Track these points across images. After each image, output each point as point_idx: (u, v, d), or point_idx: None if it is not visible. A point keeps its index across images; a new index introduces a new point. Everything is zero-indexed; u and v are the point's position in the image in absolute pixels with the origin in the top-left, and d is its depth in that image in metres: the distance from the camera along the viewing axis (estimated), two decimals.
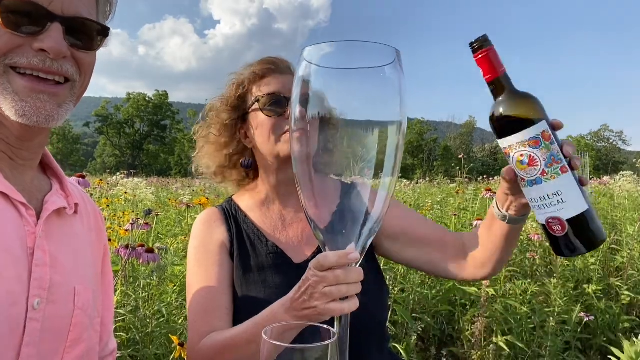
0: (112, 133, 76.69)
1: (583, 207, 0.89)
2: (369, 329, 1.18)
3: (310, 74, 0.72)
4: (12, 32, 0.77)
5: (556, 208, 0.89)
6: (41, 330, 0.79)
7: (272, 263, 1.23)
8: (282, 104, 1.23)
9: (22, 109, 0.78)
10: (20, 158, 0.87)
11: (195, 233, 1.32)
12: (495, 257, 1.17)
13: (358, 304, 0.80)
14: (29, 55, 0.78)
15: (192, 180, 15.37)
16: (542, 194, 0.90)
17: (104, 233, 1.11)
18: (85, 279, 0.92)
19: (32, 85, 0.78)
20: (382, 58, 0.70)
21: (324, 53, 0.71)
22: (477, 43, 0.91)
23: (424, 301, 2.97)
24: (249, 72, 1.31)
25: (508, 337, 2.64)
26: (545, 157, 0.88)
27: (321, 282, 0.80)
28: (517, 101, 0.91)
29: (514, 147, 0.90)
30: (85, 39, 0.85)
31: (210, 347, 1.08)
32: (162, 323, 2.07)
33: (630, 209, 5.18)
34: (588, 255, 3.74)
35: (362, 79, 0.71)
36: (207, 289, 1.20)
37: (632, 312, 3.57)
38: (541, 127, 0.88)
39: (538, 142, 0.88)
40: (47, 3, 0.78)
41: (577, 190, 0.89)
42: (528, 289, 2.78)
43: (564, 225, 0.89)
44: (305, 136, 0.73)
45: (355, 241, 0.76)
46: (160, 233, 4.24)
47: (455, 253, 1.25)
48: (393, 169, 0.74)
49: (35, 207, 0.85)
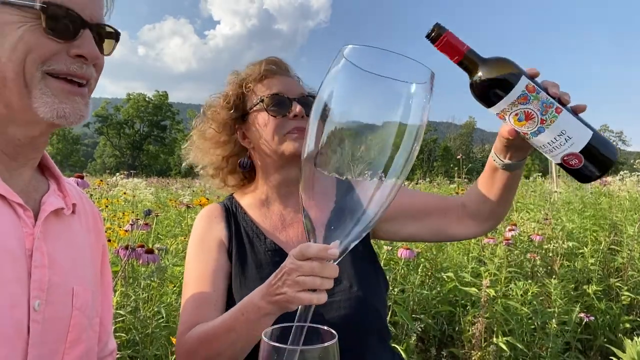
0: (112, 133, 76.73)
1: (588, 134, 0.92)
2: (368, 320, 1.19)
3: (344, 71, 0.74)
4: (51, 38, 0.80)
5: (566, 146, 0.92)
6: (42, 331, 0.79)
7: (270, 260, 1.23)
8: (285, 105, 1.25)
9: (63, 110, 0.82)
10: (23, 157, 0.87)
11: (196, 228, 1.33)
12: (501, 207, 1.21)
13: (326, 298, 0.82)
14: (66, 61, 0.82)
15: (192, 180, 15.37)
16: (548, 140, 0.93)
17: (103, 233, 1.11)
18: (84, 279, 0.92)
19: (69, 88, 0.83)
20: (416, 75, 0.72)
21: (362, 55, 0.72)
22: (434, 32, 0.94)
23: (424, 301, 2.96)
24: (252, 71, 1.32)
25: (508, 337, 2.64)
26: (538, 107, 0.91)
27: (296, 270, 0.82)
28: (492, 69, 0.93)
29: (506, 110, 0.93)
30: (105, 44, 0.90)
31: (195, 338, 1.09)
32: (162, 324, 2.06)
33: (630, 210, 5.18)
34: (588, 256, 3.74)
35: (391, 89, 0.73)
36: (200, 283, 1.21)
37: (632, 312, 3.57)
38: (523, 82, 0.91)
39: (526, 97, 0.91)
40: (81, 10, 0.83)
41: (577, 122, 0.92)
42: (528, 290, 2.78)
43: (579, 157, 0.92)
44: (319, 134, 0.75)
45: (341, 239, 0.77)
46: (160, 233, 4.23)
47: (457, 215, 1.27)
48: (397, 173, 0.75)
49: (32, 208, 0.85)
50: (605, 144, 0.94)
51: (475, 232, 1.28)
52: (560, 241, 3.65)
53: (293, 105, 1.25)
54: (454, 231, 1.28)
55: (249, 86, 1.31)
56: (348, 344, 1.12)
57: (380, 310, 1.24)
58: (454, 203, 1.29)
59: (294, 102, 1.25)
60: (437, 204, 1.31)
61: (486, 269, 3.03)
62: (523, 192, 7.27)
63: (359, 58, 0.72)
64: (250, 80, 1.31)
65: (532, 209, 5.15)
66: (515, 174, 1.14)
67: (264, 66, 1.31)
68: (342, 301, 1.17)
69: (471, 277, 3.05)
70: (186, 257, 1.31)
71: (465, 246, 3.85)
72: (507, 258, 3.12)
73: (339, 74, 0.75)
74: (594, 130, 0.93)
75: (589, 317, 2.78)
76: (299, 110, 1.24)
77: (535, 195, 6.78)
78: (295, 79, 1.36)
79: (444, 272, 3.32)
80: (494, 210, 1.22)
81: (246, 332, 0.97)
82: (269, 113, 1.25)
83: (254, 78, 1.31)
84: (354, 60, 0.72)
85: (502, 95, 0.92)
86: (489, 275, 2.94)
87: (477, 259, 3.47)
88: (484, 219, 1.25)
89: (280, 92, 1.26)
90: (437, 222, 1.29)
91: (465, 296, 3.04)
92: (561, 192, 6.45)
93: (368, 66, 0.71)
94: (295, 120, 1.25)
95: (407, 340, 2.54)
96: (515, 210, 5.21)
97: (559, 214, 4.74)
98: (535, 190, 7.12)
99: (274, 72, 1.31)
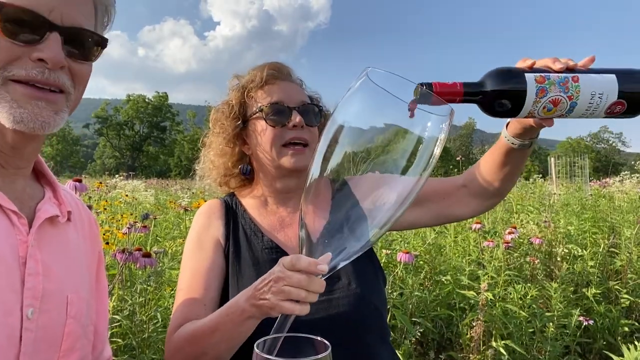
0: (112, 134, 76.66)
1: (614, 80, 0.91)
2: (367, 318, 1.19)
3: (365, 91, 0.75)
4: (11, 41, 0.76)
5: (604, 101, 0.91)
6: (35, 340, 0.79)
7: (267, 258, 1.23)
8: (285, 114, 1.24)
9: (20, 115, 0.78)
10: (12, 166, 0.86)
11: (195, 224, 1.34)
12: (509, 183, 1.22)
13: (308, 310, 0.83)
14: (27, 66, 0.77)
15: (192, 182, 15.33)
16: (585, 107, 0.92)
17: (99, 240, 1.10)
18: (79, 287, 0.91)
19: (31, 92, 0.78)
20: (435, 108, 0.74)
21: (385, 78, 0.73)
22: (421, 93, 0.81)
23: (423, 305, 2.96)
24: (254, 77, 1.30)
25: (507, 341, 2.63)
26: (558, 89, 0.90)
27: (284, 279, 0.82)
28: (495, 86, 0.91)
29: (532, 110, 0.92)
30: (83, 50, 0.84)
31: (182, 336, 1.10)
32: (159, 328, 2.06)
33: (628, 212, 5.17)
34: (587, 258, 3.74)
35: (407, 117, 0.74)
36: (193, 281, 1.22)
37: (631, 315, 3.56)
38: (530, 79, 0.90)
39: (543, 90, 0.90)
40: (47, 12, 0.78)
41: (598, 77, 0.91)
42: (527, 293, 2.77)
43: (620, 102, 0.92)
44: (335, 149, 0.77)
45: (333, 254, 0.78)
46: (158, 236, 4.23)
47: (457, 196, 1.28)
48: (400, 201, 0.77)
49: (27, 215, 0.84)
50: (634, 77, 0.92)
51: (479, 210, 1.29)
52: (561, 244, 3.64)
53: (293, 114, 1.24)
54: (456, 212, 1.29)
55: (250, 94, 1.30)
56: (347, 342, 1.12)
57: (380, 308, 1.24)
58: (452, 184, 1.29)
59: (294, 111, 1.24)
60: (436, 188, 1.31)
61: (485, 272, 3.02)
62: (523, 193, 7.27)
63: (381, 82, 0.73)
64: (251, 87, 1.30)
65: (531, 211, 5.15)
66: (529, 151, 1.14)
67: (266, 72, 1.29)
68: (341, 298, 1.16)
69: (469, 281, 3.05)
70: (183, 253, 1.31)
71: (464, 249, 3.84)
72: (506, 261, 3.12)
73: (358, 94, 0.76)
74: (616, 72, 0.92)
75: (588, 321, 2.78)
76: (298, 120, 1.23)
77: (534, 197, 6.78)
78: (298, 82, 1.35)
79: (443, 275, 3.32)
80: (502, 187, 1.22)
81: (229, 333, 0.98)
82: (268, 122, 1.24)
83: (255, 84, 1.29)
84: (377, 82, 0.73)
85: (521, 102, 0.91)
86: (487, 278, 2.93)
87: (475, 262, 3.47)
88: (489, 197, 1.25)
89: (279, 101, 1.25)
90: (437, 205, 1.30)
91: (464, 299, 3.03)
92: (560, 194, 6.45)
93: (389, 87, 0.73)
94: (294, 130, 1.23)
95: (406, 343, 2.54)
96: (515, 212, 5.20)
97: (557, 216, 4.73)
98: (534, 192, 7.11)
99: (275, 77, 1.29)
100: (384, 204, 0.77)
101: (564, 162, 12.12)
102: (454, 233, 4.15)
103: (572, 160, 12.16)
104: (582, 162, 11.96)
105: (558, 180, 11.23)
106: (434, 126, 0.75)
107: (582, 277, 3.64)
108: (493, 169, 1.20)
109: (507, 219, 5.11)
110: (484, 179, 1.22)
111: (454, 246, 3.99)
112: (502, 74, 0.92)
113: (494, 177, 1.20)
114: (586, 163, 12.10)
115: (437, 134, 0.75)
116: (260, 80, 1.29)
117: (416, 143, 0.75)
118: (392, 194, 0.77)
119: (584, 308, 3.29)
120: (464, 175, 1.29)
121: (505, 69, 0.93)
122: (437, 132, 0.75)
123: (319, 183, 0.78)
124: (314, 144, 1.26)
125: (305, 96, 1.31)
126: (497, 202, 1.30)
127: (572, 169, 12.10)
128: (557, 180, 11.41)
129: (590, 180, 12.37)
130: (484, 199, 1.26)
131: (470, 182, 1.25)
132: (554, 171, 11.98)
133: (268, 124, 1.24)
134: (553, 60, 0.93)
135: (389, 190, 0.77)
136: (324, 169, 0.77)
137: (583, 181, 10.73)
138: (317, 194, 0.79)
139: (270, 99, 1.26)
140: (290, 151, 1.23)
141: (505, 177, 1.19)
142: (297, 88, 1.32)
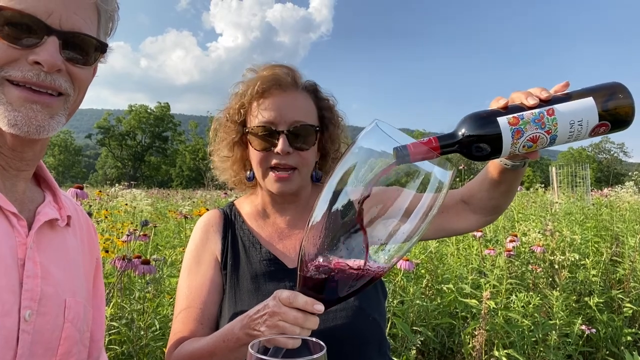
0: (114, 145, 76.97)
1: (591, 105, 0.90)
2: (366, 330, 1.18)
3: (375, 138, 0.79)
4: (8, 44, 0.77)
5: (585, 127, 0.90)
6: (31, 342, 0.78)
7: (266, 270, 1.24)
8: (272, 137, 1.21)
9: (15, 118, 0.78)
10: (13, 168, 0.86)
11: (193, 238, 1.34)
12: (507, 199, 1.22)
13: (300, 343, 0.82)
14: (24, 68, 0.78)
15: (194, 192, 15.35)
16: (566, 136, 0.91)
17: (97, 247, 1.10)
18: (77, 291, 0.91)
19: (26, 95, 0.79)
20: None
21: (392, 131, 0.79)
22: (400, 156, 0.81)
23: (424, 313, 2.94)
24: (252, 84, 1.25)
25: (509, 350, 2.61)
26: (534, 126, 0.89)
27: (279, 314, 0.83)
28: (471, 133, 0.90)
29: (513, 150, 0.92)
30: (82, 54, 0.85)
31: (181, 356, 1.11)
32: (158, 336, 2.04)
33: (631, 221, 5.15)
34: (590, 267, 3.71)
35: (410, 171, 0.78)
36: (190, 298, 1.23)
37: (634, 324, 3.53)
38: (504, 122, 0.89)
39: (519, 131, 0.89)
40: (45, 16, 0.78)
41: (573, 104, 0.90)
42: (530, 302, 2.75)
43: (602, 124, 0.91)
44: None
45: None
46: (159, 244, 4.22)
47: (456, 211, 1.27)
48: (396, 251, 0.84)
49: (27, 217, 0.84)
50: (612, 96, 0.91)
51: (479, 225, 1.29)
52: (563, 252, 3.62)
53: (280, 140, 1.20)
54: (455, 226, 1.29)
55: (246, 105, 1.27)
56: (346, 355, 1.11)
57: (379, 321, 1.23)
58: (451, 199, 1.29)
59: (282, 136, 1.20)
60: None
61: (487, 280, 3.00)
62: (524, 202, 7.25)
63: (391, 130, 0.78)
64: (248, 99, 1.26)
65: (533, 219, 5.14)
66: (523, 169, 1.14)
67: (264, 83, 1.23)
68: (339, 311, 1.16)
69: (471, 289, 3.03)
70: (182, 267, 1.32)
71: (465, 257, 3.82)
72: (508, 269, 3.10)
73: (368, 143, 0.80)
74: (594, 93, 0.91)
75: (590, 330, 2.75)
76: (281, 148, 1.19)
77: (536, 205, 6.76)
78: (302, 90, 1.29)
79: (444, 284, 3.30)
80: (499, 204, 1.23)
81: (226, 357, 1.00)
82: (252, 146, 1.24)
83: (251, 94, 1.25)
84: (386, 130, 0.78)
85: (499, 146, 0.90)
86: (489, 287, 2.92)
87: (477, 270, 3.45)
88: (488, 213, 1.25)
89: (268, 122, 1.21)
90: (437, 220, 1.28)
91: (465, 308, 3.01)
92: (561, 203, 6.43)
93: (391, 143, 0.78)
94: (280, 155, 1.20)
95: (407, 353, 2.51)
96: (516, 221, 5.18)
97: (560, 224, 4.71)
98: (535, 201, 7.10)
99: (272, 88, 1.24)
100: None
101: (565, 172, 12.11)
102: (455, 241, 4.13)
103: (573, 170, 12.15)
104: (583, 172, 11.95)
105: (559, 190, 11.22)
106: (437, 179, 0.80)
107: (584, 286, 3.61)
108: (488, 187, 1.19)
109: (510, 227, 5.09)
110: (481, 196, 1.22)
111: (455, 254, 3.97)
112: (475, 120, 0.91)
113: (491, 195, 1.20)
114: (587, 173, 12.09)
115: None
116: (256, 92, 1.24)
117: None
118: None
119: (587, 317, 3.26)
120: (462, 190, 1.29)
121: (478, 115, 0.91)
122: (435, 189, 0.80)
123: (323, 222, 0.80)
124: (305, 168, 1.25)
125: (303, 112, 1.24)
126: (496, 218, 1.29)
127: (573, 178, 12.09)
128: (558, 190, 11.40)
129: (592, 190, 12.33)
130: (483, 215, 1.26)
131: (469, 199, 1.25)
132: (555, 181, 11.98)
133: (253, 147, 1.24)
134: (526, 95, 0.91)
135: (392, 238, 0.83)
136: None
137: (584, 191, 10.70)
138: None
139: (260, 119, 1.22)
140: (275, 176, 1.22)
141: (502, 194, 1.19)
142: (294, 103, 1.25)
